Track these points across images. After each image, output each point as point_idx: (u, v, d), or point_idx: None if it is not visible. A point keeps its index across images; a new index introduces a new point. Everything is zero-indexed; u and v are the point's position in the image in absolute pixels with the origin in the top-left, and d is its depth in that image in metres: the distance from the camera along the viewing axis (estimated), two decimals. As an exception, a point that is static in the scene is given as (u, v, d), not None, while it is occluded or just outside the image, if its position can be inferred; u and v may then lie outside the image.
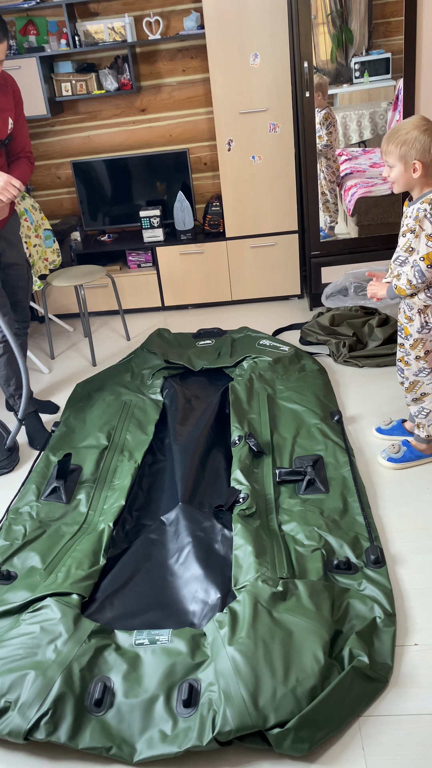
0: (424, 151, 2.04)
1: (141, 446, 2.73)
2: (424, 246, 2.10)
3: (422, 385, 2.37)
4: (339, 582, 1.96)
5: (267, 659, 1.64)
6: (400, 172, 2.10)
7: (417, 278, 2.13)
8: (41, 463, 2.71)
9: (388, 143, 2.09)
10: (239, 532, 2.10)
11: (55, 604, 1.86)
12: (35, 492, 2.54)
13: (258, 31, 3.51)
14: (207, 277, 4.16)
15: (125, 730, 1.59)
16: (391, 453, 2.52)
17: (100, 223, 4.35)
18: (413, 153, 2.04)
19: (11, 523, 2.38)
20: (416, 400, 2.42)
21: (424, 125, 2.04)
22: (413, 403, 2.44)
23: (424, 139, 2.03)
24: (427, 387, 2.37)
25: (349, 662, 1.67)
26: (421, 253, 2.11)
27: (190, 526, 2.25)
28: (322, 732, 1.55)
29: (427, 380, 2.36)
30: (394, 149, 2.07)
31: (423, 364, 2.33)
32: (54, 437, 2.88)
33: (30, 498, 2.51)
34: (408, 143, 2.04)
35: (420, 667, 1.72)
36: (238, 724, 1.53)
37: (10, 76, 2.75)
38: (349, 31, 3.53)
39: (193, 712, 1.59)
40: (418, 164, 2.06)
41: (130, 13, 3.91)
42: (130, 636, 1.79)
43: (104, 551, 2.14)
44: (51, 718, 1.59)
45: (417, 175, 2.08)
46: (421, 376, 2.36)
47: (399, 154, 2.07)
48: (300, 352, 3.38)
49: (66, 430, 2.94)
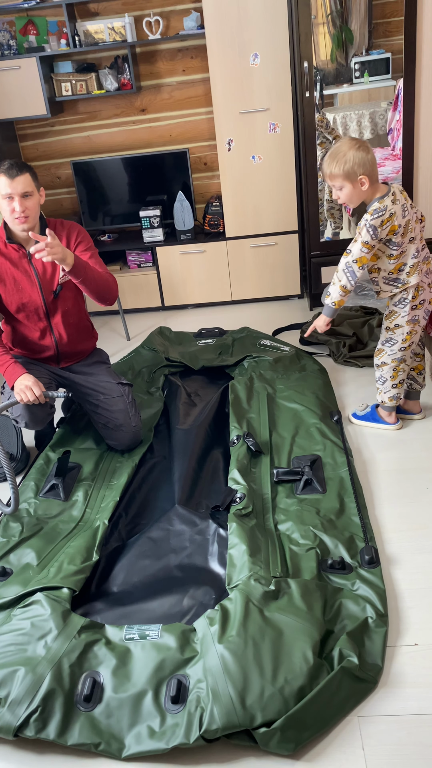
0: (365, 165, 2.28)
1: (141, 447, 2.73)
2: (359, 251, 2.35)
3: (384, 354, 2.62)
4: (332, 582, 1.95)
5: (256, 658, 1.64)
6: (350, 190, 2.33)
7: (350, 281, 2.40)
8: (41, 461, 2.71)
9: (331, 168, 2.32)
10: (234, 531, 2.10)
11: (45, 600, 1.87)
12: (33, 489, 2.55)
13: (258, 31, 3.51)
14: (207, 277, 4.16)
15: (114, 725, 1.60)
16: (358, 410, 2.84)
17: (100, 223, 4.36)
18: (358, 169, 2.28)
19: (9, 520, 2.38)
20: (378, 366, 2.67)
21: (356, 144, 2.29)
22: (377, 369, 2.69)
23: (360, 155, 2.27)
24: (387, 357, 2.61)
25: (339, 662, 1.67)
26: (355, 256, 2.36)
27: (185, 526, 2.25)
28: (308, 732, 1.55)
29: (390, 351, 2.60)
30: (338, 172, 2.31)
31: (390, 335, 2.57)
32: (56, 435, 2.88)
33: (28, 495, 2.52)
34: (349, 162, 2.28)
35: (420, 667, 1.71)
36: (225, 723, 1.53)
37: (72, 223, 2.68)
38: (349, 31, 3.53)
39: (180, 709, 1.59)
40: (364, 178, 2.30)
41: (130, 13, 3.91)
42: (120, 631, 1.80)
43: (98, 547, 2.15)
44: (40, 715, 1.60)
45: (365, 188, 2.32)
46: (386, 346, 2.61)
47: (344, 174, 2.30)
48: (300, 352, 3.38)
49: (68, 429, 2.94)
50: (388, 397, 2.69)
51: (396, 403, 2.71)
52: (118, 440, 2.70)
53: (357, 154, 2.27)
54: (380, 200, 2.32)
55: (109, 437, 2.71)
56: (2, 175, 2.41)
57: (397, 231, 2.34)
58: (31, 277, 2.61)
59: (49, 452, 2.75)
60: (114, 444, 2.72)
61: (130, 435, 2.69)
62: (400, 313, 2.51)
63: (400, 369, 2.62)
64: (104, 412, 2.69)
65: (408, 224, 2.37)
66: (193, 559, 2.12)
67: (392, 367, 2.62)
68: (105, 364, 2.88)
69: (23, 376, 2.48)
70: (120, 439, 2.69)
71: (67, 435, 2.88)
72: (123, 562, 2.15)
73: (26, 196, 2.44)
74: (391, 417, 2.73)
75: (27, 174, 2.44)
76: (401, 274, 2.44)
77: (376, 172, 2.34)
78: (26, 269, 2.61)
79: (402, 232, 2.36)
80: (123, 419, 2.68)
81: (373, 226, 2.31)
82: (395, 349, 2.58)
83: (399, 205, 2.34)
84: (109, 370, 2.84)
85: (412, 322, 2.52)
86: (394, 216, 2.32)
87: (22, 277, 2.61)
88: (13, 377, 2.50)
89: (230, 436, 2.69)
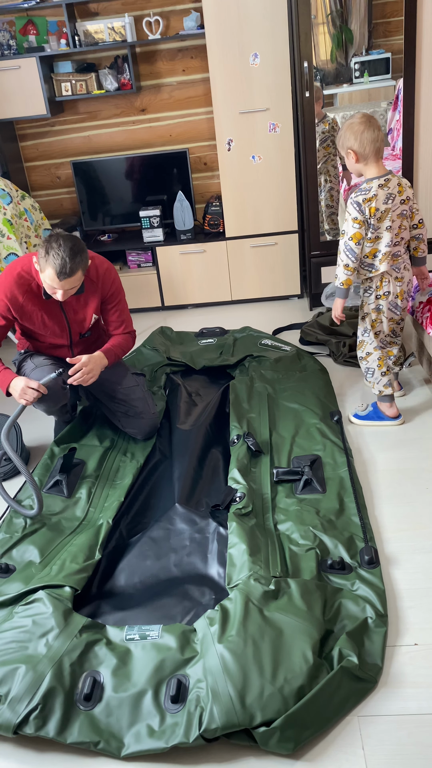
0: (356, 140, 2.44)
1: (144, 448, 2.73)
2: (351, 227, 2.48)
3: (366, 345, 2.72)
4: (332, 582, 1.95)
5: (256, 658, 1.64)
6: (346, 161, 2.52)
7: (350, 258, 2.50)
8: (45, 456, 2.72)
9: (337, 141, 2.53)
10: (234, 530, 2.10)
11: (47, 598, 1.87)
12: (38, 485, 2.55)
13: (258, 31, 3.51)
14: (207, 277, 4.16)
15: (114, 724, 1.60)
16: (359, 410, 2.84)
17: (100, 223, 4.36)
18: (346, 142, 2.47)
19: (12, 516, 2.38)
20: (362, 359, 2.74)
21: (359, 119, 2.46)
22: (361, 362, 2.76)
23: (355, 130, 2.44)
24: (370, 347, 2.70)
25: (339, 662, 1.67)
26: (349, 234, 2.48)
27: (185, 525, 2.25)
28: (308, 731, 1.55)
29: (369, 341, 2.69)
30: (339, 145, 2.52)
31: (365, 325, 2.67)
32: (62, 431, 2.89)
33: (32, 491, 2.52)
34: (343, 135, 2.48)
35: (420, 667, 1.71)
36: (225, 722, 1.53)
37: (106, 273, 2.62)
38: (349, 31, 3.53)
39: (180, 708, 1.59)
40: (350, 151, 2.47)
41: (130, 13, 3.91)
42: (121, 631, 1.80)
43: (100, 546, 2.15)
44: (40, 713, 1.60)
45: (352, 161, 2.48)
46: (364, 336, 2.70)
47: (339, 143, 2.52)
48: (301, 352, 3.39)
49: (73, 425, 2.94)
50: (382, 386, 2.72)
51: (391, 391, 2.74)
52: (139, 428, 2.75)
53: (352, 128, 2.44)
54: (369, 181, 2.47)
55: (129, 425, 2.76)
56: (51, 270, 2.31)
57: (374, 213, 2.45)
58: (61, 323, 2.65)
59: (54, 447, 2.76)
60: (133, 432, 2.77)
61: (151, 422, 2.76)
62: (367, 302, 2.64)
63: (384, 357, 2.70)
64: (123, 401, 2.75)
65: (387, 212, 2.46)
66: (192, 558, 2.13)
67: (377, 356, 2.69)
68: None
69: (14, 380, 2.48)
70: (140, 427, 2.75)
71: (71, 431, 2.88)
72: (124, 561, 2.15)
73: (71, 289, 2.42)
74: (392, 409, 2.75)
75: (77, 273, 2.35)
76: (375, 260, 2.54)
77: (373, 152, 2.44)
78: (58, 316, 2.62)
79: (379, 217, 2.46)
80: (143, 407, 2.75)
81: (357, 202, 2.45)
82: (372, 337, 2.68)
83: (385, 192, 2.45)
84: (122, 361, 2.90)
85: (377, 311, 2.62)
86: (375, 198, 2.43)
87: (52, 323, 2.62)
88: (4, 385, 2.50)
89: (230, 436, 2.69)
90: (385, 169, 2.49)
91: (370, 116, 2.48)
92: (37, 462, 2.76)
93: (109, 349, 2.66)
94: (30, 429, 3.09)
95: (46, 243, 2.32)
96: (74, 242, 2.33)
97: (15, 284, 2.49)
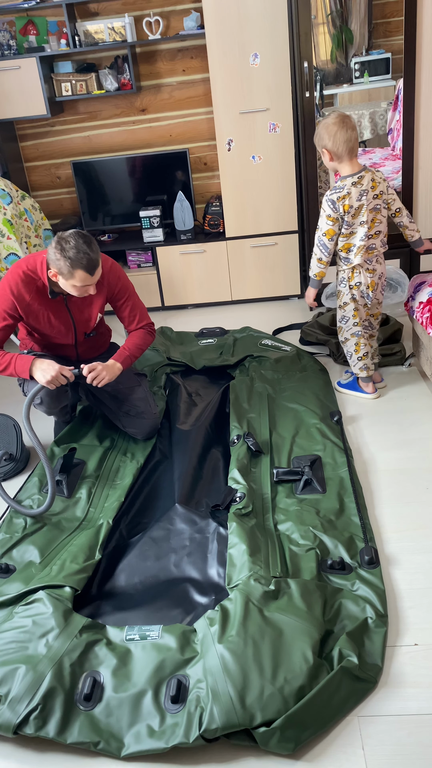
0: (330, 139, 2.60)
1: (144, 448, 2.73)
2: (324, 224, 2.67)
3: (343, 331, 2.92)
4: (332, 582, 1.95)
5: (256, 658, 1.64)
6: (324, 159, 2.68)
7: (323, 253, 2.72)
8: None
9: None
10: (234, 530, 2.10)
11: (48, 598, 1.87)
12: (37, 485, 2.56)
13: (258, 31, 3.51)
14: (207, 277, 4.16)
15: (114, 724, 1.60)
16: (343, 379, 3.09)
17: (100, 223, 4.36)
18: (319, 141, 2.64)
19: (12, 516, 2.39)
20: (343, 343, 2.96)
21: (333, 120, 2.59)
22: (342, 344, 2.97)
23: (329, 130, 2.59)
24: (347, 333, 2.91)
25: (339, 662, 1.67)
26: (323, 230, 2.68)
27: (185, 525, 2.25)
28: (308, 731, 1.55)
29: (346, 327, 2.90)
30: (316, 144, 2.69)
31: (342, 313, 2.88)
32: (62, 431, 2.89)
33: (32, 491, 2.52)
34: (317, 134, 2.64)
35: (420, 667, 1.71)
36: (225, 722, 1.53)
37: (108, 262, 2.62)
38: (349, 31, 3.53)
39: (180, 709, 1.60)
40: (325, 150, 2.63)
41: (130, 13, 3.91)
42: (121, 631, 1.80)
43: (100, 546, 2.15)
44: (40, 713, 1.61)
45: (327, 159, 2.64)
46: (342, 323, 2.91)
47: (317, 145, 2.68)
48: (301, 352, 3.39)
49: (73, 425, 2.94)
50: (358, 369, 2.94)
51: (368, 374, 2.95)
52: (140, 427, 2.76)
53: (327, 128, 2.59)
54: (343, 179, 2.63)
55: (131, 425, 2.77)
56: (82, 270, 2.34)
57: (348, 210, 2.62)
58: (67, 323, 2.64)
59: (54, 447, 2.76)
60: (134, 432, 2.78)
61: (152, 421, 2.77)
62: (343, 291, 2.83)
63: (361, 343, 2.90)
64: (125, 400, 2.75)
65: (361, 208, 2.63)
66: (193, 558, 2.13)
67: (354, 342, 2.90)
68: None
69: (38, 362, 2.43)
70: (142, 427, 2.76)
71: (71, 431, 2.89)
72: (124, 561, 2.15)
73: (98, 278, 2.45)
74: (369, 387, 2.98)
75: (100, 260, 2.39)
76: (350, 254, 2.72)
77: (346, 152, 2.59)
78: (64, 315, 2.62)
79: (353, 213, 2.63)
80: (144, 407, 2.76)
81: (332, 200, 2.63)
82: (350, 324, 2.88)
83: (358, 189, 2.61)
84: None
85: (353, 300, 2.82)
86: (349, 196, 2.60)
87: (57, 323, 2.62)
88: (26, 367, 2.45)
89: (230, 436, 2.69)
90: (359, 166, 2.63)
91: (345, 116, 2.60)
92: (37, 462, 2.76)
93: (122, 353, 2.64)
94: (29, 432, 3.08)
95: (59, 251, 2.31)
96: (80, 234, 2.36)
97: (22, 283, 2.49)
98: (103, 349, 2.91)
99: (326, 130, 2.59)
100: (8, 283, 2.49)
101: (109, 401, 2.79)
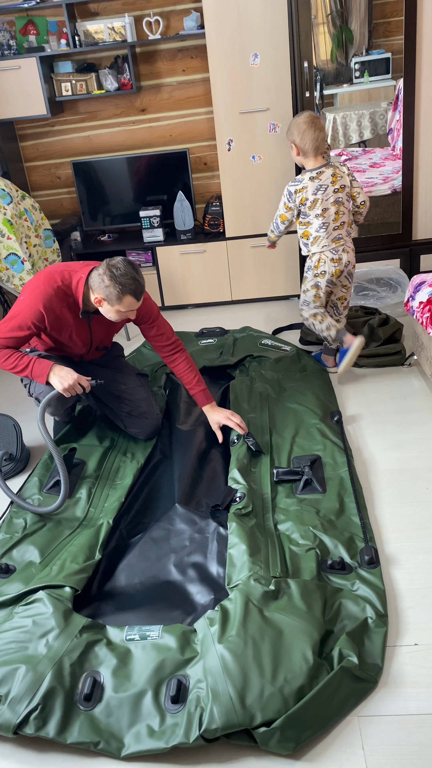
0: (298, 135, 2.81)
1: (144, 448, 2.73)
2: (282, 207, 2.96)
3: (304, 311, 3.13)
4: (332, 582, 1.95)
5: (256, 658, 1.64)
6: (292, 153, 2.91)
7: (275, 231, 3.07)
8: (45, 456, 2.72)
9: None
10: (234, 530, 2.10)
11: (48, 598, 1.87)
12: (38, 484, 2.56)
13: (258, 31, 3.51)
14: (207, 277, 4.16)
15: (114, 724, 1.60)
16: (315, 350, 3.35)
17: (100, 223, 4.36)
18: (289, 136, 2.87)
19: (12, 516, 2.39)
20: (306, 319, 3.15)
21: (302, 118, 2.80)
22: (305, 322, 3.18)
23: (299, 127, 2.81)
24: (307, 313, 3.12)
25: (339, 662, 1.67)
26: (279, 212, 2.98)
27: (185, 526, 2.25)
28: (308, 732, 1.55)
29: (307, 309, 3.10)
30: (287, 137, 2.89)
31: (305, 297, 3.09)
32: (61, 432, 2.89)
33: (32, 491, 2.52)
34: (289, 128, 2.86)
35: (420, 667, 1.71)
36: (225, 723, 1.53)
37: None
38: (349, 31, 3.53)
39: (180, 709, 1.60)
40: (293, 145, 2.86)
41: (130, 13, 3.91)
42: (121, 632, 1.80)
43: (100, 546, 2.15)
44: (40, 713, 1.60)
45: (294, 153, 2.88)
46: (303, 306, 3.11)
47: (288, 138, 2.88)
48: (301, 352, 3.39)
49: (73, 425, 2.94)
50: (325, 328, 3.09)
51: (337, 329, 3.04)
52: (142, 427, 2.77)
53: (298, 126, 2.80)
54: (303, 172, 2.88)
55: (132, 425, 2.78)
56: (131, 296, 2.34)
57: (304, 203, 2.87)
58: (85, 340, 2.66)
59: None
60: (136, 432, 2.79)
61: (153, 422, 2.79)
62: (308, 277, 3.04)
63: (318, 318, 3.09)
64: (128, 401, 2.77)
65: (316, 202, 2.86)
66: (193, 558, 2.13)
67: (314, 318, 3.10)
68: (122, 357, 2.97)
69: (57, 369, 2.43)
70: (143, 427, 2.77)
71: (71, 431, 2.89)
72: (124, 562, 2.15)
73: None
74: (330, 361, 3.24)
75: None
76: (309, 240, 2.96)
77: (312, 149, 2.82)
78: (85, 333, 2.62)
79: (309, 206, 2.87)
80: (146, 407, 2.78)
81: (289, 191, 2.89)
82: (311, 307, 3.09)
83: (315, 184, 2.85)
84: (126, 362, 2.94)
85: (315, 287, 3.02)
86: (305, 189, 2.85)
87: (77, 338, 2.62)
88: (44, 374, 2.44)
89: (230, 436, 2.69)
90: (322, 162, 2.87)
91: (315, 117, 2.81)
92: (37, 462, 2.76)
93: (204, 393, 2.69)
94: (30, 429, 3.09)
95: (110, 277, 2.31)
96: (128, 261, 2.38)
97: (55, 296, 2.44)
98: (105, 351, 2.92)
99: (297, 128, 2.81)
100: (42, 294, 2.42)
101: (111, 401, 2.79)
